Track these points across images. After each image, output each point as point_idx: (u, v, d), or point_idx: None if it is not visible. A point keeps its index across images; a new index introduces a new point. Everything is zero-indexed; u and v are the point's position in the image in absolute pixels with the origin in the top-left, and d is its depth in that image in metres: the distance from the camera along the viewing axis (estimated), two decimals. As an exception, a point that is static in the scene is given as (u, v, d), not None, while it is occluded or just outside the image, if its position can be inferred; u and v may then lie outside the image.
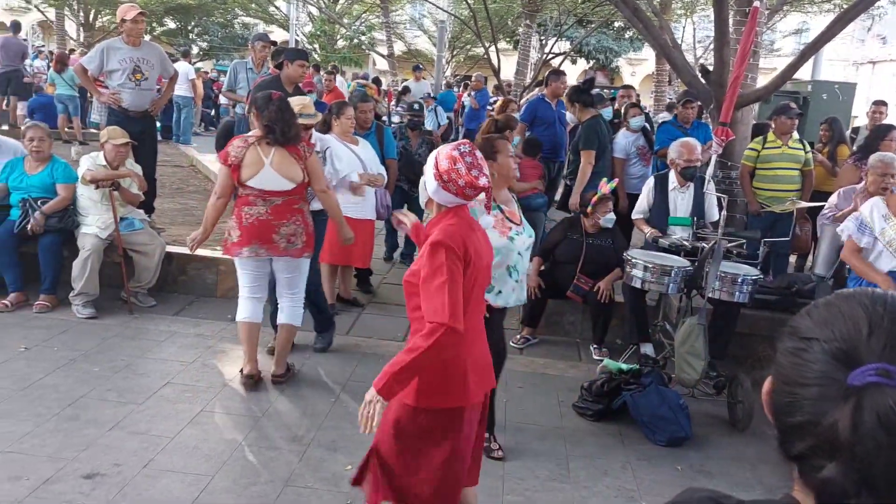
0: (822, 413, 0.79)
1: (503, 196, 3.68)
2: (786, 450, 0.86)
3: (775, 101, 8.28)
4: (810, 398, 0.81)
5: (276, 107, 4.08)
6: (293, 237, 4.19)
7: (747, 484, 3.79)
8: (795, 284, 5.50)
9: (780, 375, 0.87)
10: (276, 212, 4.14)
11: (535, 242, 3.79)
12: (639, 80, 33.85)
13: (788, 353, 0.86)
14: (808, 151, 6.31)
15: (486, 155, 3.51)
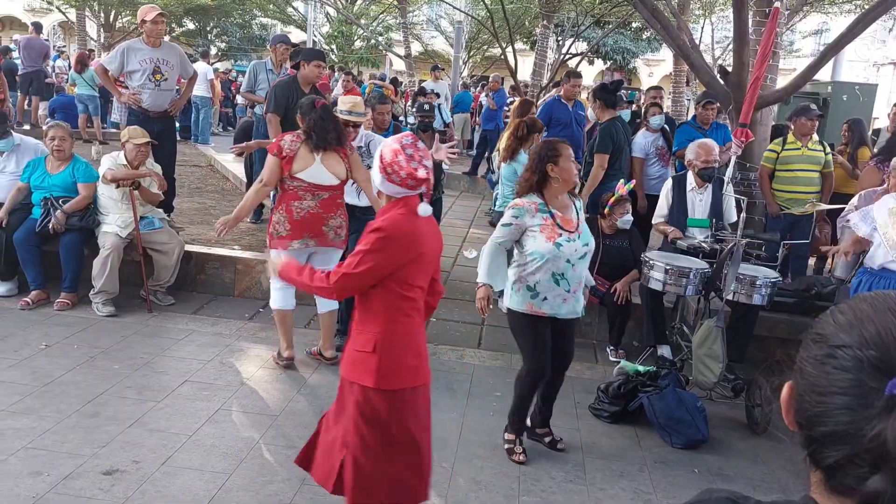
0: (858, 422, 0.77)
1: (560, 201, 3.65)
2: (816, 459, 0.83)
3: (795, 102, 8.22)
4: (843, 407, 0.79)
5: (317, 115, 4.31)
6: (339, 229, 4.48)
7: (766, 487, 3.76)
8: (815, 287, 5.46)
9: (807, 384, 0.84)
10: (325, 205, 4.41)
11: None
12: (656, 81, 33.66)
13: (815, 361, 0.84)
14: (828, 153, 6.26)
15: (548, 158, 3.57)
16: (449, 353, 5.13)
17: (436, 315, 5.96)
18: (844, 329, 0.82)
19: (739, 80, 5.98)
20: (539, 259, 3.54)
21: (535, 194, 3.64)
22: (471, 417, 4.19)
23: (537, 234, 3.55)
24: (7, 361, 4.38)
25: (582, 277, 3.66)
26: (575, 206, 3.71)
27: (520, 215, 3.60)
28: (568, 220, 3.60)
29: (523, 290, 3.61)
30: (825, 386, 0.81)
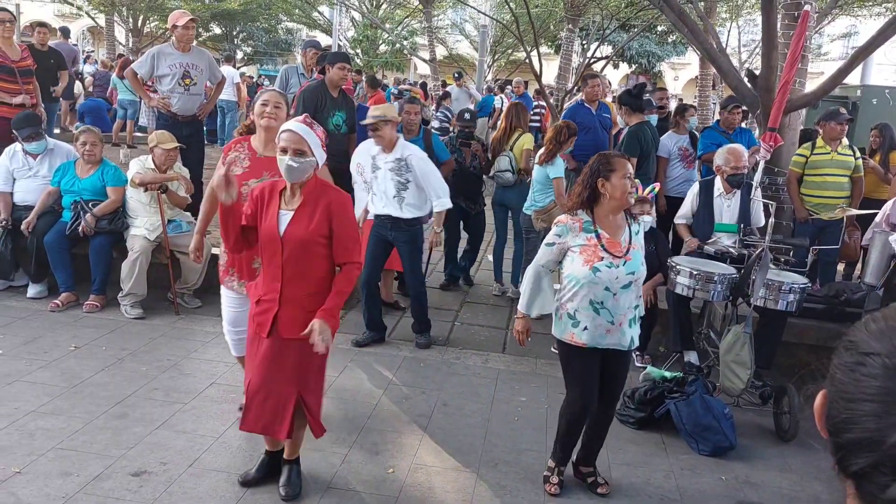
0: (884, 430, 0.77)
1: (611, 221, 3.30)
2: (843, 466, 0.84)
3: (823, 106, 8.12)
4: (870, 414, 0.79)
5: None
6: None
7: (794, 496, 3.71)
8: (844, 293, 5.37)
9: (837, 391, 0.85)
10: None
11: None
12: (682, 85, 33.45)
13: (846, 368, 0.84)
14: (858, 158, 6.17)
15: (599, 173, 3.25)
16: (473, 357, 5.12)
17: (460, 319, 5.96)
18: (875, 337, 0.83)
19: (768, 84, 5.90)
20: (575, 284, 3.26)
21: (585, 211, 3.31)
22: (495, 422, 4.18)
23: (577, 255, 3.25)
24: (37, 363, 4.45)
25: (628, 308, 3.28)
26: (630, 229, 3.32)
27: (563, 233, 3.31)
28: (615, 243, 3.25)
29: (564, 318, 3.32)
30: (853, 392, 0.82)
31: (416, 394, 4.47)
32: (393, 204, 5.07)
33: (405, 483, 3.48)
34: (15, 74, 6.85)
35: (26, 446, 3.50)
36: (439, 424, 4.10)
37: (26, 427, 3.68)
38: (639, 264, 3.27)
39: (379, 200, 5.18)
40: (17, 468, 3.30)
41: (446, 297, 6.50)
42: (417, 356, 5.07)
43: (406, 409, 4.25)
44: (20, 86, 6.87)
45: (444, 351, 5.22)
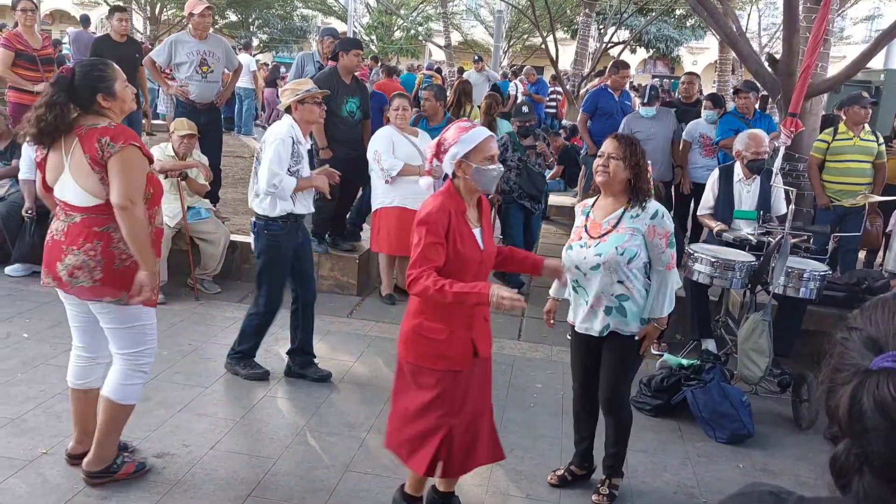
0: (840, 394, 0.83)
1: (604, 204, 3.24)
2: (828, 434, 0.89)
3: (845, 90, 8.01)
4: (841, 383, 0.84)
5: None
6: (78, 271, 2.95)
7: (812, 484, 3.70)
8: (866, 281, 5.33)
9: (828, 364, 0.91)
10: (72, 232, 2.98)
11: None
12: (700, 69, 33.05)
13: (836, 343, 0.90)
14: (881, 143, 6.09)
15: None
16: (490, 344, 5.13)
17: (477, 306, 5.98)
18: (865, 316, 0.89)
19: (789, 69, 5.84)
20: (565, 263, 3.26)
21: (596, 196, 3.32)
22: (511, 409, 4.20)
23: (572, 235, 3.36)
24: (62, 346, 4.52)
25: (602, 292, 3.15)
26: (622, 213, 3.16)
27: (576, 216, 3.42)
28: (597, 224, 3.19)
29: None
30: (836, 364, 0.88)
31: (434, 379, 4.50)
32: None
33: (423, 467, 3.51)
34: (37, 62, 6.92)
35: (53, 428, 3.57)
36: (457, 410, 4.13)
37: (52, 409, 3.75)
38: (611, 247, 3.09)
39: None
40: (44, 449, 3.37)
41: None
42: (434, 342, 5.10)
43: (423, 395, 4.28)
44: (41, 74, 6.93)
45: (461, 337, 5.24)
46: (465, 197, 2.74)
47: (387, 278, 5.86)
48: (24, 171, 5.80)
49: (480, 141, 2.67)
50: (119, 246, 2.96)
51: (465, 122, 2.79)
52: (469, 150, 2.66)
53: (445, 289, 2.52)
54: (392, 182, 5.53)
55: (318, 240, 5.95)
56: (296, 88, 4.16)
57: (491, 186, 2.78)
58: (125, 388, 3.12)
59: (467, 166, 2.67)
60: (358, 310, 5.68)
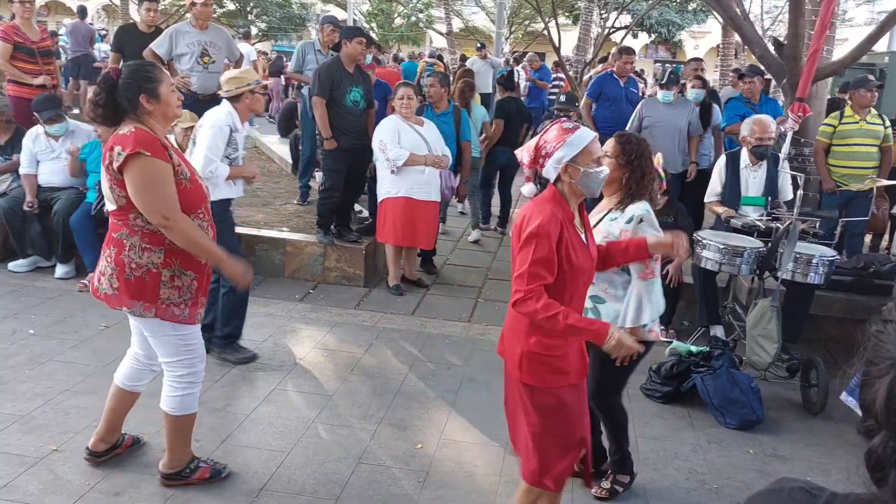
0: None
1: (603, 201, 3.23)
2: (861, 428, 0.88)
3: (849, 74, 7.94)
4: (877, 377, 0.83)
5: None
6: (102, 276, 2.97)
7: (823, 468, 3.71)
8: (873, 265, 5.31)
9: (863, 358, 0.89)
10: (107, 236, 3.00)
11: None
12: (702, 54, 32.85)
13: (871, 336, 0.88)
14: (887, 126, 6.05)
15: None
16: (498, 334, 5.11)
17: (483, 296, 5.97)
18: None
19: (794, 53, 5.79)
20: None
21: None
22: (522, 398, 4.19)
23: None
24: (69, 342, 4.52)
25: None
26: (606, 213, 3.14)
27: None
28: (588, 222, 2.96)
29: None
30: (871, 358, 0.86)
31: (442, 370, 4.50)
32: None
33: (434, 458, 3.52)
34: (35, 55, 6.88)
35: (62, 424, 3.57)
36: (466, 400, 4.13)
37: (61, 405, 3.75)
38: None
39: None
40: (54, 446, 3.37)
41: (470, 274, 6.51)
42: (442, 332, 5.09)
43: (432, 386, 4.28)
44: (40, 66, 6.89)
45: (468, 327, 5.24)
46: (570, 203, 2.55)
47: (394, 269, 5.85)
48: (24, 166, 5.77)
49: (588, 143, 2.51)
50: (130, 255, 2.86)
51: (567, 123, 2.59)
52: (576, 154, 2.48)
53: (559, 319, 2.35)
54: (398, 172, 5.50)
55: (323, 231, 5.93)
56: (245, 78, 4.16)
57: (597, 190, 2.62)
58: (171, 399, 3.09)
59: (574, 170, 2.49)
60: (365, 301, 5.67)
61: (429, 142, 5.59)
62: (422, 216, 5.64)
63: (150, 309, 2.89)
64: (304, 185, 7.31)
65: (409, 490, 3.25)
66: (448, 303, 5.73)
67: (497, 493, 3.29)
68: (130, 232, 2.86)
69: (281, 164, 9.61)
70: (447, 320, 5.34)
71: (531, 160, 2.56)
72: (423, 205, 5.61)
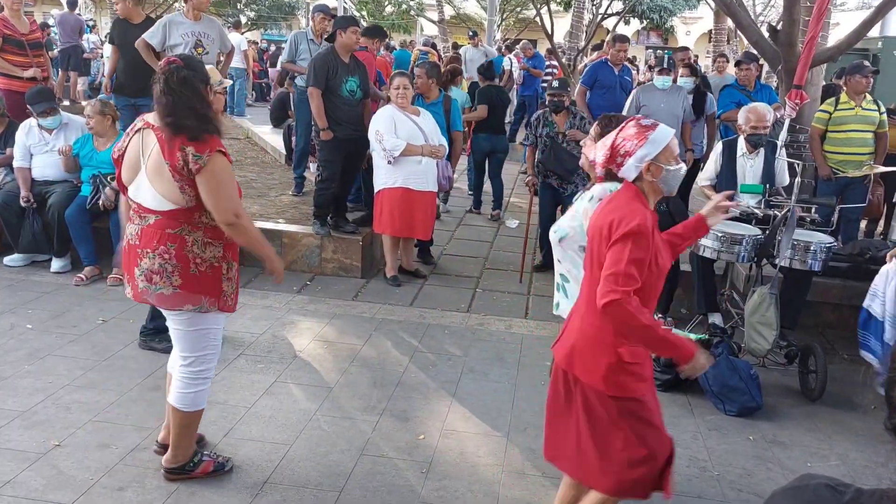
0: None
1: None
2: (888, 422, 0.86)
3: (843, 60, 7.95)
4: None
5: (164, 79, 2.78)
6: (156, 276, 2.88)
7: (822, 454, 3.73)
8: (869, 251, 5.34)
9: (891, 355, 0.88)
10: (145, 235, 2.88)
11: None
12: (693, 40, 32.86)
13: None
14: (882, 112, 6.07)
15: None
16: (497, 324, 5.14)
17: (482, 286, 5.97)
18: None
19: (790, 39, 5.79)
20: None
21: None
22: (522, 387, 4.20)
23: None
24: (67, 336, 4.50)
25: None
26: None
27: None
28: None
29: None
30: None
31: (442, 360, 4.50)
32: None
33: (437, 448, 3.52)
34: (24, 47, 6.81)
35: (63, 419, 3.56)
36: (467, 390, 4.14)
37: (62, 400, 3.74)
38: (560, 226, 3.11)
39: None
40: (56, 441, 3.36)
41: (467, 264, 6.50)
42: (441, 323, 5.09)
43: (433, 376, 4.28)
44: (30, 59, 6.83)
45: (467, 317, 5.24)
46: (650, 201, 2.49)
47: (391, 260, 5.84)
48: (18, 159, 5.73)
49: (669, 140, 2.46)
50: (193, 250, 2.85)
51: (644, 120, 2.53)
52: (659, 152, 2.43)
53: (648, 330, 2.25)
54: (395, 162, 5.48)
55: (320, 222, 5.91)
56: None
57: (676, 188, 2.56)
58: (185, 396, 3.05)
59: (657, 168, 2.43)
60: (363, 292, 5.66)
61: (425, 132, 5.57)
62: (419, 206, 5.63)
63: (213, 304, 2.93)
64: (298, 175, 7.28)
65: (413, 481, 3.26)
66: (446, 293, 5.73)
67: (500, 482, 3.30)
68: (193, 228, 2.86)
69: (274, 155, 9.57)
70: (446, 310, 5.35)
71: (606, 159, 2.49)
72: (420, 195, 5.59)
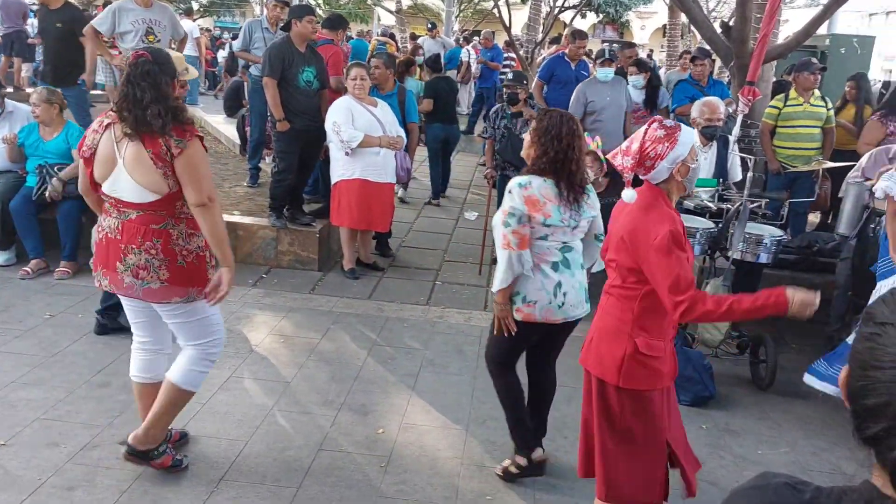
0: None
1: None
2: (861, 432, 0.87)
3: (792, 56, 8.13)
4: (885, 381, 0.82)
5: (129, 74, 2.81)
6: (144, 270, 2.87)
7: (772, 442, 3.83)
8: (817, 244, 5.49)
9: (855, 360, 0.88)
10: (128, 230, 2.88)
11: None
12: (648, 34, 33.31)
13: (864, 339, 0.88)
14: (829, 109, 6.23)
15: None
16: (456, 316, 5.14)
17: (441, 278, 5.97)
18: (893, 309, 0.87)
19: (742, 36, 5.90)
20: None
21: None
22: (481, 379, 4.19)
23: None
24: (12, 332, 4.36)
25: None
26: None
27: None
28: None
29: None
30: (868, 361, 0.85)
31: (402, 354, 4.49)
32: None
33: (396, 442, 3.51)
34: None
35: (10, 418, 3.44)
36: (426, 384, 4.13)
37: (7, 398, 3.62)
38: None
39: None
40: (2, 440, 3.26)
41: (426, 256, 6.49)
42: (400, 316, 5.07)
43: (392, 370, 4.27)
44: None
45: (426, 310, 5.23)
46: (673, 200, 2.55)
47: (349, 252, 5.79)
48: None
49: (693, 139, 2.53)
50: (178, 243, 2.89)
51: (666, 121, 2.55)
52: (688, 152, 2.48)
53: (734, 307, 2.31)
54: (352, 154, 5.42)
55: (276, 214, 5.83)
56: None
57: (694, 184, 2.64)
58: (191, 373, 3.05)
59: (685, 168, 2.49)
60: (320, 285, 5.60)
61: (383, 123, 5.52)
62: (377, 198, 5.59)
63: (200, 293, 2.94)
64: (253, 166, 7.16)
65: (372, 476, 3.24)
66: (405, 286, 5.71)
67: (460, 475, 3.31)
68: (176, 221, 2.89)
69: (228, 145, 9.40)
70: (404, 303, 5.33)
71: (635, 164, 2.51)
72: (378, 187, 5.55)
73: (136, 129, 2.75)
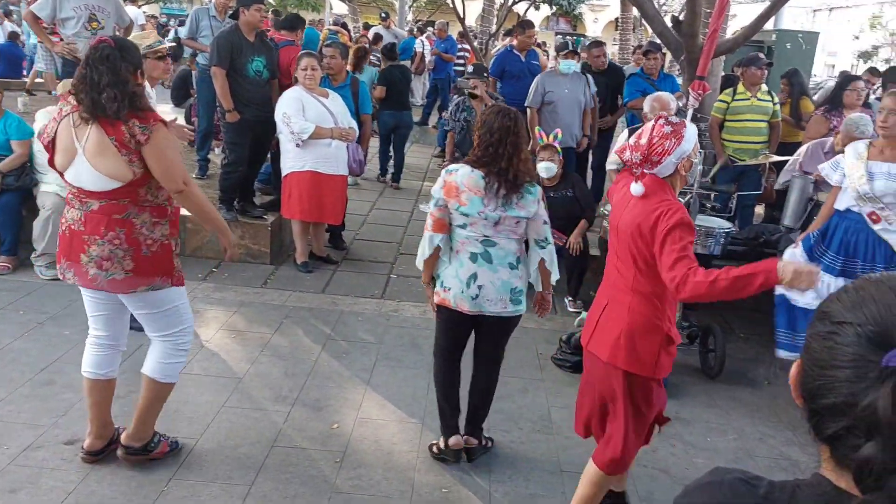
0: (856, 394, 0.81)
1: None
2: (818, 431, 0.88)
3: (740, 51, 8.29)
4: (844, 380, 0.83)
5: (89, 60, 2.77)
6: (108, 261, 2.83)
7: (720, 429, 3.91)
8: (763, 235, 5.61)
9: (812, 359, 0.88)
10: (91, 221, 2.83)
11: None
12: (601, 27, 33.67)
13: (820, 338, 0.88)
14: (776, 103, 6.37)
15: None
16: (412, 310, 5.12)
17: (396, 271, 5.93)
18: (848, 308, 0.87)
19: (692, 31, 5.98)
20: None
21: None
22: (436, 373, 4.21)
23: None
24: (-47, 329, 4.19)
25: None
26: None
27: None
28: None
29: None
30: (827, 360, 0.85)
31: (356, 348, 4.45)
32: None
33: (351, 437, 3.49)
34: None
35: (-45, 420, 3.32)
36: (381, 378, 4.11)
37: (-51, 399, 3.48)
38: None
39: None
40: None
41: (380, 249, 6.44)
42: (354, 310, 5.03)
43: (347, 364, 4.23)
44: None
45: (381, 304, 5.19)
46: (676, 193, 2.67)
47: (301, 245, 5.71)
48: None
49: (696, 134, 2.64)
50: (143, 232, 2.85)
51: (671, 118, 2.65)
52: (692, 148, 2.60)
53: (720, 279, 2.32)
54: (303, 146, 5.34)
55: (226, 207, 5.71)
56: (141, 42, 3.96)
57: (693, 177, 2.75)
58: (167, 366, 3.07)
59: (689, 162, 2.60)
60: (272, 279, 5.52)
61: (334, 114, 5.45)
62: (329, 190, 5.52)
63: (167, 281, 2.94)
64: (202, 158, 7.01)
65: (327, 471, 3.21)
66: (359, 279, 5.66)
67: (416, 468, 3.30)
68: (139, 210, 2.85)
69: (177, 136, 9.18)
70: (359, 297, 5.28)
71: (643, 159, 2.58)
72: (330, 179, 5.49)
73: (92, 112, 2.71)
